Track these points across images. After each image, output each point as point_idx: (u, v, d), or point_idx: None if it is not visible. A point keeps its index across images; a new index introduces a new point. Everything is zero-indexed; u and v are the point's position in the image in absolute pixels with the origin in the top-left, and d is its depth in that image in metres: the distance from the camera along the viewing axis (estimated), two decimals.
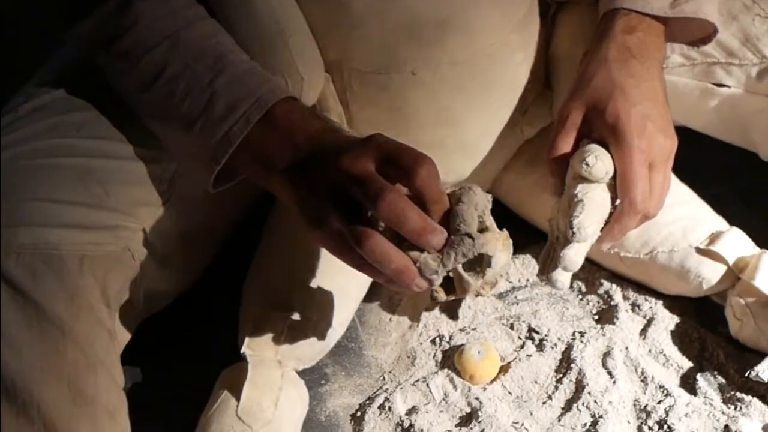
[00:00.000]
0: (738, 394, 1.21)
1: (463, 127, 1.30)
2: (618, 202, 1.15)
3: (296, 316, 1.19)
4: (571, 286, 1.40)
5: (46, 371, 0.95)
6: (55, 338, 0.97)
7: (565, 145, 1.16)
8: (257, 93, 1.03)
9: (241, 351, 1.18)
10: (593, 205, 1.11)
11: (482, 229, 0.99)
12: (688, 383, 1.24)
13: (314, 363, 1.25)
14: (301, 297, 1.21)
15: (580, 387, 1.23)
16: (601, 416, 1.19)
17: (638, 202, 1.12)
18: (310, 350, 1.21)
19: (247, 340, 1.18)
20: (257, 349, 1.17)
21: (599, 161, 1.11)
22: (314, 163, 0.98)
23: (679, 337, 1.31)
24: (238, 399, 1.11)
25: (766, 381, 1.19)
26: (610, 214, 1.15)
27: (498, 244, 0.99)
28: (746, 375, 1.20)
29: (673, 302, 1.35)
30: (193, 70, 1.04)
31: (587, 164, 1.11)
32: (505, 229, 1.02)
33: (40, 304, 0.97)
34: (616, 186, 1.14)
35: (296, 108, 1.04)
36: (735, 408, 1.19)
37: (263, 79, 1.05)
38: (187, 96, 1.03)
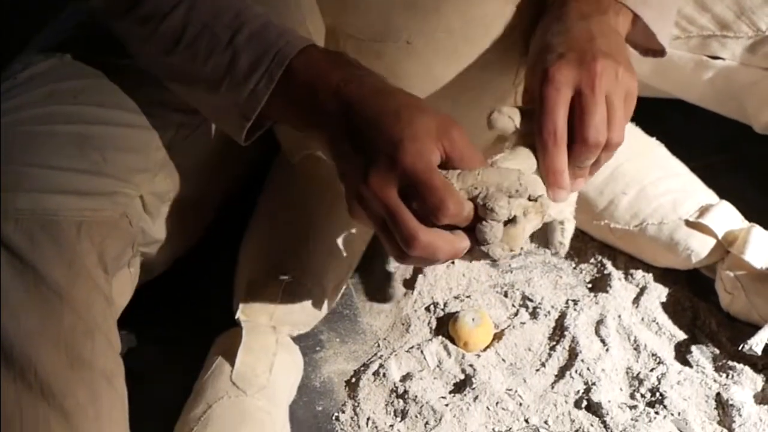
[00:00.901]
0: (730, 363, 1.21)
1: (457, 98, 1.27)
2: None
3: (291, 282, 1.18)
4: (564, 255, 1.39)
5: (44, 336, 0.93)
6: (52, 303, 0.95)
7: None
8: (276, 47, 1.00)
9: (236, 317, 1.17)
10: (511, 155, 1.03)
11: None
12: (681, 352, 1.24)
13: (309, 329, 1.24)
14: (296, 263, 1.20)
15: (573, 354, 1.23)
16: (594, 383, 1.19)
17: (544, 132, 1.02)
18: (305, 316, 1.20)
19: (241, 305, 1.17)
20: (252, 315, 1.16)
21: (496, 112, 1.05)
22: (353, 136, 0.96)
23: (671, 305, 1.30)
24: (232, 364, 1.10)
25: (759, 354, 1.18)
26: None
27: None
28: (740, 348, 1.19)
29: (665, 272, 1.34)
30: (212, 30, 1.01)
31: (488, 122, 1.05)
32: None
33: (38, 269, 0.95)
34: None
35: (314, 59, 1.01)
36: (727, 376, 1.19)
37: (280, 31, 1.02)
38: (210, 57, 1.01)
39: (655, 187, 1.29)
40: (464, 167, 0.93)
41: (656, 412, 1.15)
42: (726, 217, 1.29)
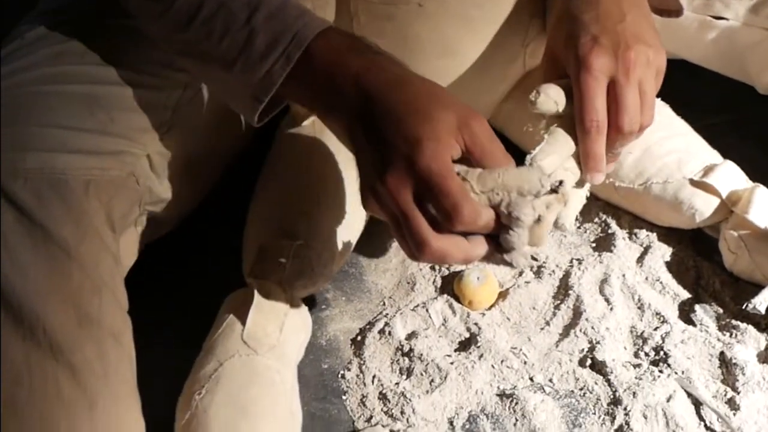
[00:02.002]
0: (733, 322, 1.20)
1: (466, 59, 1.27)
2: None
3: (301, 245, 1.16)
4: None
5: (52, 293, 0.92)
6: (60, 261, 0.94)
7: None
8: (295, 27, 0.98)
9: (247, 278, 1.15)
10: (551, 139, 1.06)
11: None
12: (684, 311, 1.23)
13: (317, 290, 1.23)
14: (306, 226, 1.18)
15: (577, 313, 1.21)
16: (598, 342, 1.17)
17: (586, 121, 1.04)
18: (315, 278, 1.18)
19: (252, 267, 1.16)
20: (263, 276, 1.14)
21: (542, 94, 1.05)
22: (371, 128, 0.93)
23: (675, 265, 1.29)
24: (243, 323, 1.09)
25: (762, 313, 1.17)
26: None
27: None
28: (743, 307, 1.18)
29: (669, 231, 1.33)
30: (229, 8, 0.98)
31: (531, 101, 1.06)
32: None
33: (47, 227, 0.94)
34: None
35: (333, 43, 0.98)
36: (730, 335, 1.18)
37: (299, 12, 1.00)
38: (225, 35, 0.98)
39: (660, 147, 1.28)
40: (485, 162, 0.92)
41: (660, 371, 1.14)
42: (730, 177, 1.27)
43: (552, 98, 1.05)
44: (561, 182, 0.93)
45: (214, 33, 0.98)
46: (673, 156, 1.29)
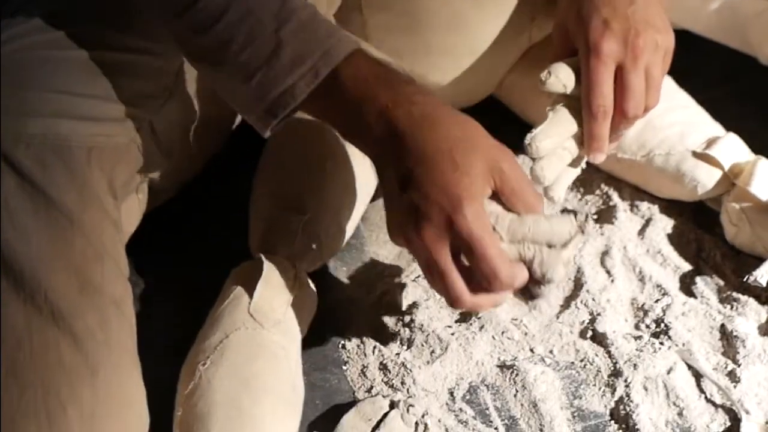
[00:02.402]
0: (734, 294, 1.19)
1: (474, 33, 1.27)
2: None
3: (309, 219, 1.15)
4: (570, 187, 1.35)
5: (54, 260, 0.92)
6: (63, 227, 0.94)
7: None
8: (326, 44, 0.96)
9: (255, 252, 1.14)
10: (554, 119, 1.08)
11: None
12: (685, 283, 1.22)
13: (324, 264, 1.21)
14: (314, 200, 1.16)
15: (578, 285, 1.21)
16: (599, 314, 1.17)
17: (594, 106, 1.07)
18: (323, 252, 1.17)
19: (261, 241, 1.14)
20: (271, 250, 1.12)
21: (552, 75, 1.08)
22: (402, 171, 0.93)
23: (676, 237, 1.28)
24: (250, 296, 1.07)
25: (764, 285, 1.16)
26: None
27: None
28: (745, 279, 1.18)
29: (670, 203, 1.32)
30: (257, 16, 0.95)
31: (541, 80, 1.08)
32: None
33: (49, 194, 0.93)
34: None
35: (362, 68, 0.97)
36: (731, 308, 1.18)
37: (330, 28, 0.98)
38: (249, 44, 0.95)
39: (663, 119, 1.27)
40: (514, 203, 0.94)
41: (661, 343, 1.13)
42: (733, 149, 1.26)
43: (561, 81, 1.07)
44: (586, 216, 0.95)
45: (236, 40, 0.95)
46: (675, 128, 1.28)
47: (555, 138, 1.07)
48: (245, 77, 0.96)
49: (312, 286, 1.15)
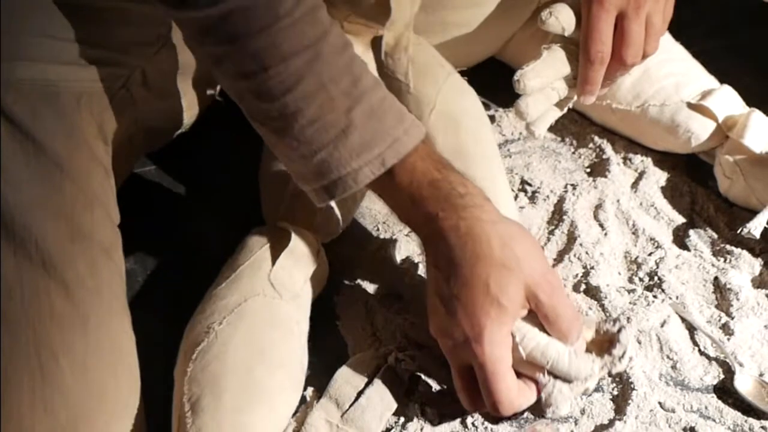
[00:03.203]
0: (728, 247, 1.18)
1: (489, 6, 1.29)
2: None
3: None
4: (563, 140, 1.37)
5: (45, 207, 0.91)
6: (53, 174, 0.93)
7: None
8: (394, 133, 0.95)
9: (270, 220, 1.13)
10: (548, 60, 1.10)
11: None
12: (679, 236, 1.22)
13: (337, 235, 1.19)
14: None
15: (572, 239, 1.20)
16: (592, 267, 1.16)
17: (592, 52, 1.09)
18: (340, 224, 1.16)
19: (285, 212, 1.12)
20: (293, 221, 1.10)
21: (553, 16, 1.09)
22: (440, 278, 0.95)
23: (669, 190, 1.28)
24: (272, 263, 1.04)
25: (757, 237, 1.16)
26: None
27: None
28: (738, 231, 1.17)
29: (664, 156, 1.31)
30: (330, 93, 0.93)
31: (541, 19, 1.09)
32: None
33: (38, 140, 0.93)
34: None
35: (420, 168, 0.97)
36: (725, 260, 1.17)
37: (398, 115, 0.97)
38: (318, 120, 0.93)
39: (659, 70, 1.27)
40: (548, 327, 0.95)
41: (654, 296, 1.12)
42: (727, 102, 1.26)
43: (561, 22, 1.08)
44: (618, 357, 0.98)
45: (304, 113, 0.93)
46: (671, 79, 1.28)
47: (545, 78, 1.08)
48: (309, 151, 0.95)
49: (327, 264, 1.13)
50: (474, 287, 0.92)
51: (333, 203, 1.06)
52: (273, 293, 1.02)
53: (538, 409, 0.96)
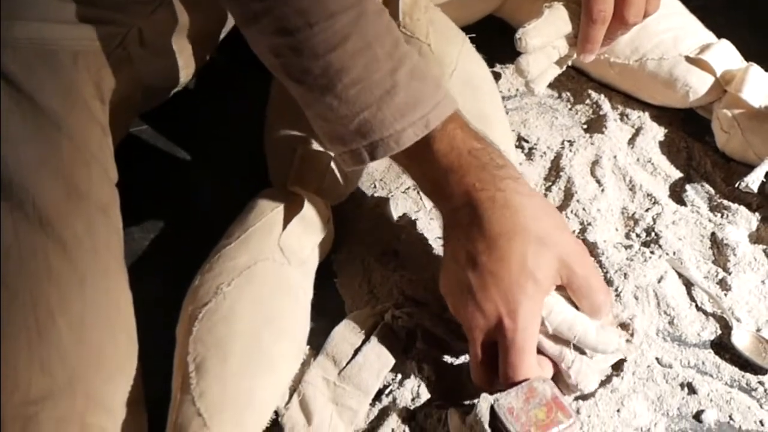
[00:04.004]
0: (725, 202, 1.18)
1: None
2: None
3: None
4: (560, 96, 1.36)
5: (42, 166, 0.91)
6: (50, 133, 0.92)
7: None
8: (437, 96, 0.94)
9: (277, 183, 1.11)
10: (549, 18, 1.10)
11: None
12: (676, 192, 1.21)
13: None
14: None
15: (568, 195, 1.19)
16: (589, 223, 1.16)
17: (594, 11, 1.08)
18: (348, 186, 1.15)
19: (294, 176, 1.10)
20: (302, 185, 1.08)
21: None
22: (471, 250, 0.93)
23: (666, 146, 1.27)
24: (283, 227, 1.03)
25: (755, 191, 1.15)
26: None
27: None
28: (736, 185, 1.16)
29: (660, 112, 1.31)
30: (375, 52, 0.91)
31: None
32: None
33: (35, 99, 0.92)
34: None
35: (459, 136, 0.95)
36: (722, 216, 1.16)
37: (436, 80, 0.96)
38: (363, 79, 0.91)
39: (657, 23, 1.25)
40: (579, 299, 0.93)
41: (651, 252, 1.12)
42: (725, 56, 1.25)
43: None
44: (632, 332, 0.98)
45: (350, 72, 0.91)
46: (669, 33, 1.27)
47: (546, 37, 1.08)
48: (351, 111, 0.93)
49: (333, 230, 1.12)
50: (511, 262, 0.91)
51: (334, 164, 1.06)
52: (282, 258, 1.01)
53: (565, 386, 0.95)
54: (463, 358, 1.01)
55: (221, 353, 0.91)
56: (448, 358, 1.01)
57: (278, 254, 1.01)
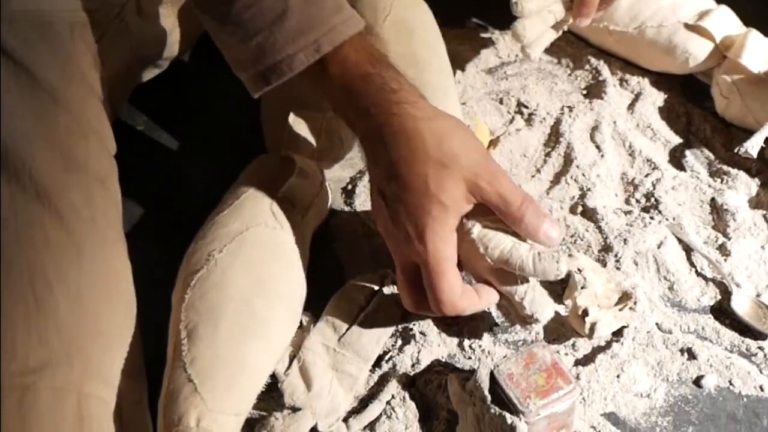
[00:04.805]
0: (724, 168, 1.17)
1: None
2: None
3: (332, 117, 1.09)
4: (560, 62, 1.34)
5: (39, 137, 0.90)
6: (47, 105, 0.91)
7: None
8: (332, 21, 0.92)
9: (272, 149, 1.11)
10: None
11: None
12: (675, 157, 1.20)
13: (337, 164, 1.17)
14: None
15: (568, 160, 1.18)
16: (588, 189, 1.15)
17: None
18: (343, 150, 1.14)
19: (286, 141, 1.10)
20: (295, 149, 1.08)
21: None
22: (380, 171, 0.92)
23: (666, 111, 1.26)
24: (275, 192, 1.02)
25: (754, 156, 1.14)
26: None
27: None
28: (735, 151, 1.15)
29: (660, 78, 1.30)
30: None
31: None
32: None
33: (32, 71, 0.91)
34: None
35: (352, 59, 0.93)
36: (721, 181, 1.16)
37: (337, 4, 0.94)
38: (255, 4, 0.92)
39: None
40: (502, 216, 0.92)
41: (651, 217, 1.11)
42: (724, 22, 1.24)
43: None
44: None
45: None
46: (667, 0, 1.26)
47: (542, 1, 1.07)
48: (246, 35, 0.93)
49: (329, 196, 1.12)
50: (413, 187, 0.90)
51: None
52: (274, 223, 1.00)
53: (521, 319, 0.94)
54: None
55: (212, 319, 0.90)
56: (447, 325, 1.00)
57: (271, 219, 1.00)
